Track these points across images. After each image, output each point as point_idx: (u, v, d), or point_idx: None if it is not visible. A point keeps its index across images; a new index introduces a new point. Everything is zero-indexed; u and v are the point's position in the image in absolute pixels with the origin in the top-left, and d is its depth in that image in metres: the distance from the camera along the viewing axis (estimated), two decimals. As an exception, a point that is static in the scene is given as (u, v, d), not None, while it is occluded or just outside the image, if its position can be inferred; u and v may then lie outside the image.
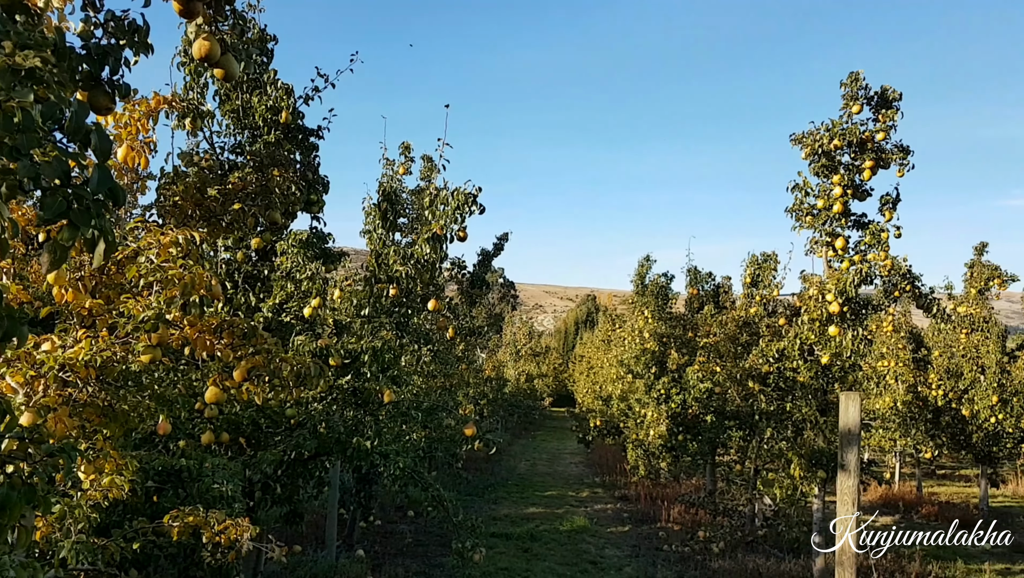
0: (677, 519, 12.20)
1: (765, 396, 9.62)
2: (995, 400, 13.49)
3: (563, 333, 71.30)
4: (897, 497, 15.30)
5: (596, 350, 29.58)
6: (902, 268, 7.80)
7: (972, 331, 14.28)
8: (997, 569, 9.95)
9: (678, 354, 13.32)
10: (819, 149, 7.75)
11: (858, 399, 6.78)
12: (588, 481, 17.61)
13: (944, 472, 23.87)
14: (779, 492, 8.37)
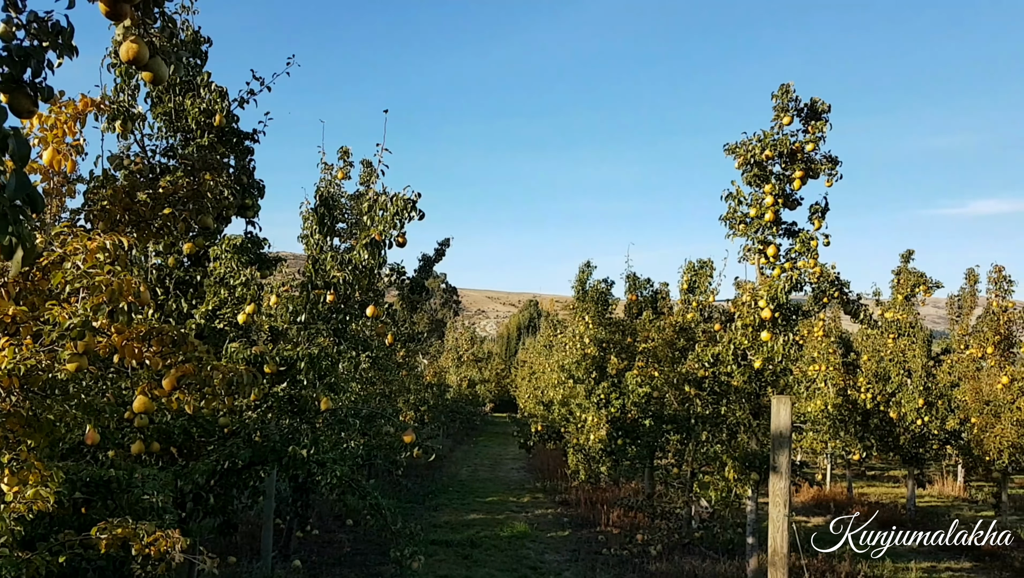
0: (616, 523, 12.33)
1: (701, 400, 9.80)
2: (921, 403, 13.99)
3: (506, 338, 71.48)
4: (828, 498, 15.75)
5: (538, 355, 29.69)
6: (830, 275, 8.06)
7: (899, 336, 14.80)
8: (923, 567, 10.32)
9: (618, 359, 13.49)
10: (751, 159, 7.96)
11: (789, 402, 6.96)
12: (529, 486, 17.67)
13: (874, 473, 24.65)
14: (714, 494, 8.53)
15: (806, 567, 8.45)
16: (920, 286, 14.32)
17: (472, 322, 77.41)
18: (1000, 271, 13.83)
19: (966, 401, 13.87)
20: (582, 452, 14.47)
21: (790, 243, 8.37)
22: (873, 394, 15.02)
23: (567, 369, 14.31)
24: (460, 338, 34.96)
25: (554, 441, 19.68)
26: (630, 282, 14.23)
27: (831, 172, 7.93)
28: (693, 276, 12.57)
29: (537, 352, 30.97)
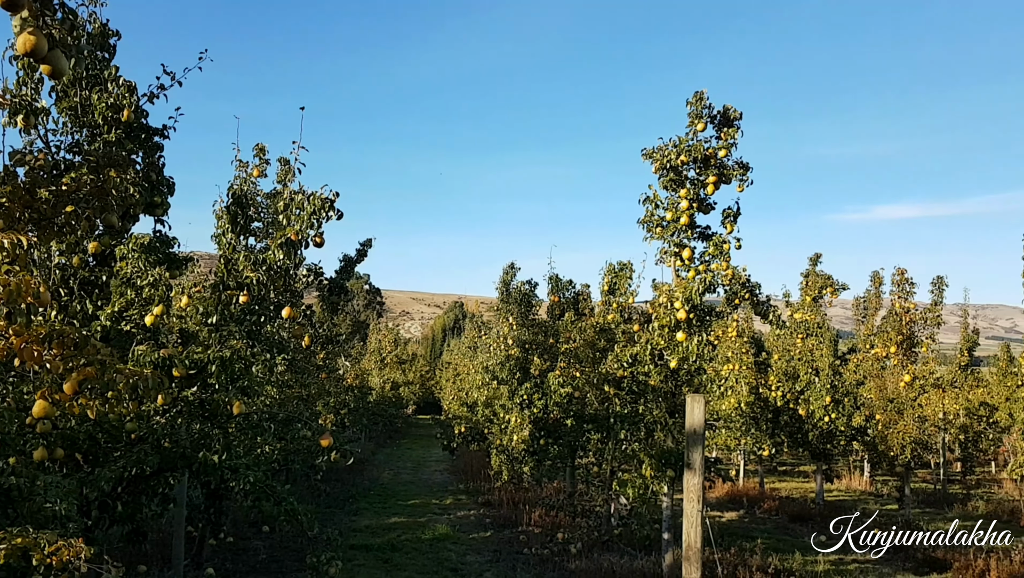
0: (538, 522, 12.43)
1: (620, 399, 9.98)
2: (828, 400, 14.57)
3: (430, 340, 71.13)
4: (742, 493, 16.24)
5: (463, 357, 29.70)
6: (742, 277, 8.32)
7: (807, 336, 15.37)
8: (831, 560, 10.73)
9: (540, 360, 13.61)
10: (667, 164, 8.16)
11: (703, 401, 7.14)
12: (452, 488, 17.64)
13: (785, 468, 25.53)
14: (631, 492, 8.69)
15: (719, 561, 8.69)
16: (827, 288, 14.91)
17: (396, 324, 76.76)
18: (903, 274, 14.52)
19: (871, 399, 14.52)
20: (505, 453, 14.54)
21: (704, 246, 8.59)
22: (783, 392, 15.56)
23: (491, 370, 14.36)
24: (384, 340, 34.62)
25: (478, 442, 19.70)
26: (553, 284, 14.37)
27: (742, 178, 8.19)
28: (614, 278, 12.77)
29: (462, 354, 30.96)
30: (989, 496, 19.23)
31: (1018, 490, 19.47)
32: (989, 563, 9.83)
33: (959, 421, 20.67)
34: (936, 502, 17.79)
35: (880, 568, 10.43)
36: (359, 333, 33.13)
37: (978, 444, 22.77)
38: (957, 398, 19.89)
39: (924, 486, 21.43)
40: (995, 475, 25.05)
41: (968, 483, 23.28)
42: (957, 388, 20.75)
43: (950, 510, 16.67)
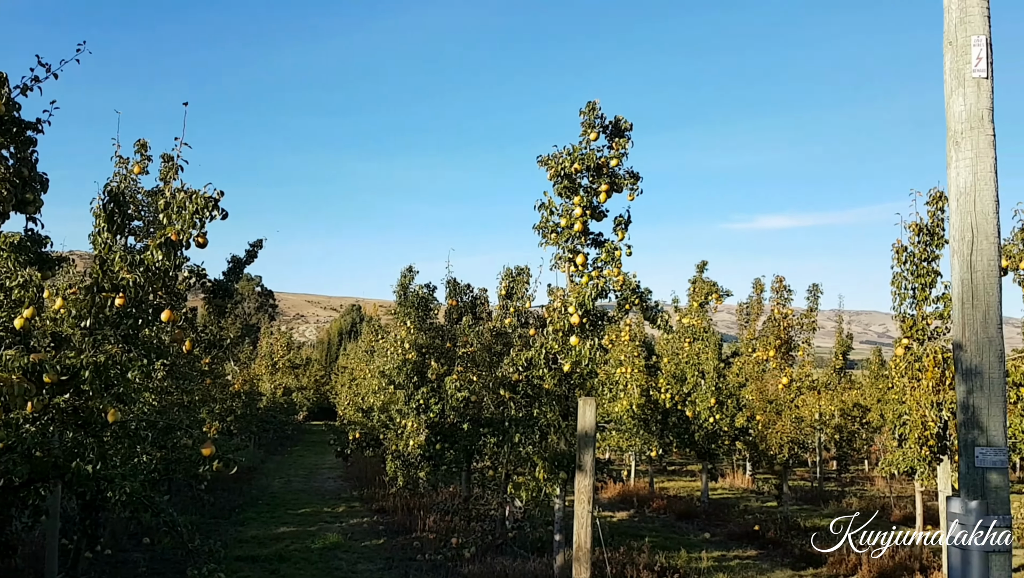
0: (433, 528, 12.37)
1: (515, 403, 10.05)
2: (713, 402, 15.13)
3: (326, 344, 69.74)
4: (632, 493, 16.65)
5: (359, 361, 29.23)
6: (632, 283, 8.53)
7: (694, 340, 15.92)
8: (714, 556, 11.14)
9: (438, 364, 13.55)
10: (562, 172, 8.28)
11: (594, 404, 7.28)
12: (345, 496, 17.34)
13: (674, 468, 26.34)
14: (525, 494, 8.76)
15: (608, 560, 8.88)
16: (713, 294, 15.49)
17: (290, 327, 74.85)
18: (781, 281, 15.26)
19: (752, 400, 15.16)
20: (401, 458, 14.39)
21: (597, 252, 8.77)
22: (672, 394, 16.06)
23: (388, 375, 14.20)
24: (276, 344, 33.69)
25: (373, 448, 19.43)
26: (451, 287, 14.35)
27: (633, 187, 8.41)
28: (511, 282, 12.86)
29: (359, 358, 30.47)
30: (862, 493, 20.42)
31: (888, 487, 20.73)
32: (861, 557, 10.41)
33: (834, 421, 21.84)
34: (813, 499, 18.74)
35: (760, 564, 10.89)
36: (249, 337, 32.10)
37: (852, 443, 24.12)
38: (832, 400, 21.03)
39: (802, 484, 22.53)
40: (868, 473, 26.60)
41: (843, 480, 24.65)
42: (832, 390, 21.91)
43: (826, 507, 17.58)
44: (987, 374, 4.47)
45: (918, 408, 9.12)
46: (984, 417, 4.49)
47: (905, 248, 9.45)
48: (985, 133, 4.49)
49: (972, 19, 4.54)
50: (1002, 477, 4.48)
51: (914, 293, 9.43)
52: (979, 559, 4.38)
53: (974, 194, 4.48)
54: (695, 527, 13.93)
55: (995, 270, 4.52)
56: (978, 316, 4.48)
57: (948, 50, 4.61)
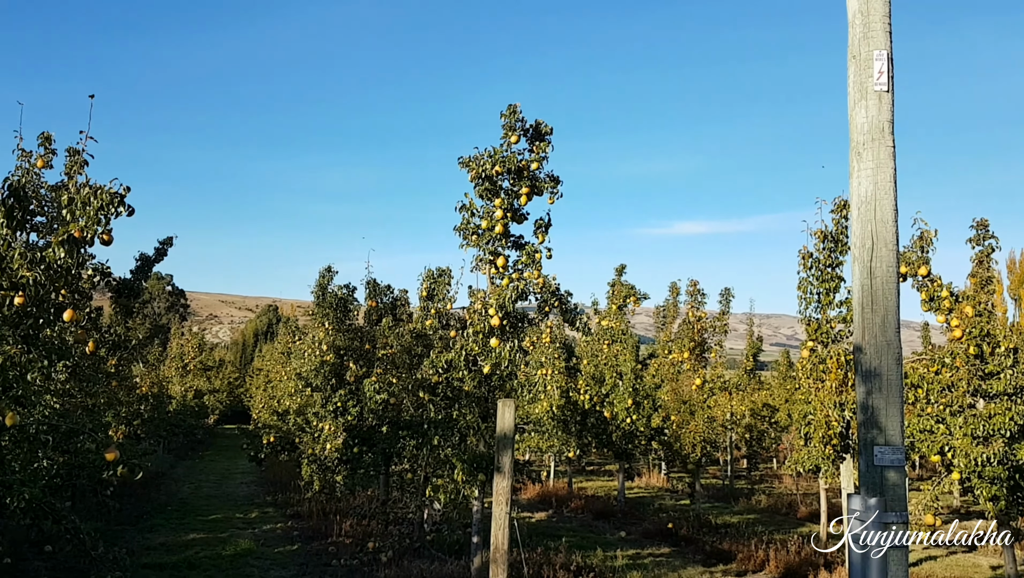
0: (349, 532, 12.18)
1: (435, 405, 10.00)
2: (630, 403, 15.41)
3: (241, 345, 67.98)
4: (551, 493, 16.79)
5: (275, 363, 28.58)
6: (552, 286, 8.61)
7: (613, 342, 16.19)
8: (629, 554, 11.33)
9: (356, 366, 13.38)
10: (483, 173, 8.31)
11: (513, 405, 7.31)
12: (259, 501, 16.92)
13: (592, 468, 26.71)
14: (443, 497, 8.74)
15: (526, 561, 8.93)
16: (631, 297, 15.79)
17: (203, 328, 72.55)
18: (695, 285, 15.66)
19: (667, 401, 15.51)
20: (317, 462, 14.13)
21: (518, 255, 8.82)
22: (591, 396, 16.28)
23: (304, 377, 13.95)
24: (187, 345, 32.61)
25: (288, 452, 19.05)
26: (370, 288, 14.18)
27: (553, 190, 8.50)
28: (432, 284, 12.79)
29: (275, 360, 29.78)
30: (771, 490, 21.11)
31: (795, 485, 21.50)
32: (769, 553, 10.77)
33: (745, 421, 22.56)
34: (724, 497, 19.29)
35: (672, 561, 11.14)
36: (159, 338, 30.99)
37: (761, 442, 24.96)
38: (743, 400, 21.71)
39: (714, 482, 23.16)
40: (776, 471, 27.54)
41: (753, 478, 25.45)
42: (743, 391, 22.63)
43: (736, 504, 18.13)
44: (886, 376, 4.66)
45: (822, 408, 9.50)
46: (883, 417, 4.69)
47: (811, 254, 9.83)
48: (886, 145, 4.70)
49: (875, 34, 4.74)
50: (899, 475, 4.69)
51: (819, 298, 9.82)
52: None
53: (874, 203, 4.68)
54: (612, 526, 14.15)
55: (894, 276, 4.74)
56: (877, 320, 4.68)
57: (852, 64, 4.81)
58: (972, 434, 8.07)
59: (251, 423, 32.30)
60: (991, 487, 8.06)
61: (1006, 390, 8.23)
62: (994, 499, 8.12)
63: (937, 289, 8.61)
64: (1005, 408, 8.05)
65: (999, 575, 10.14)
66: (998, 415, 7.99)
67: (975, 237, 8.78)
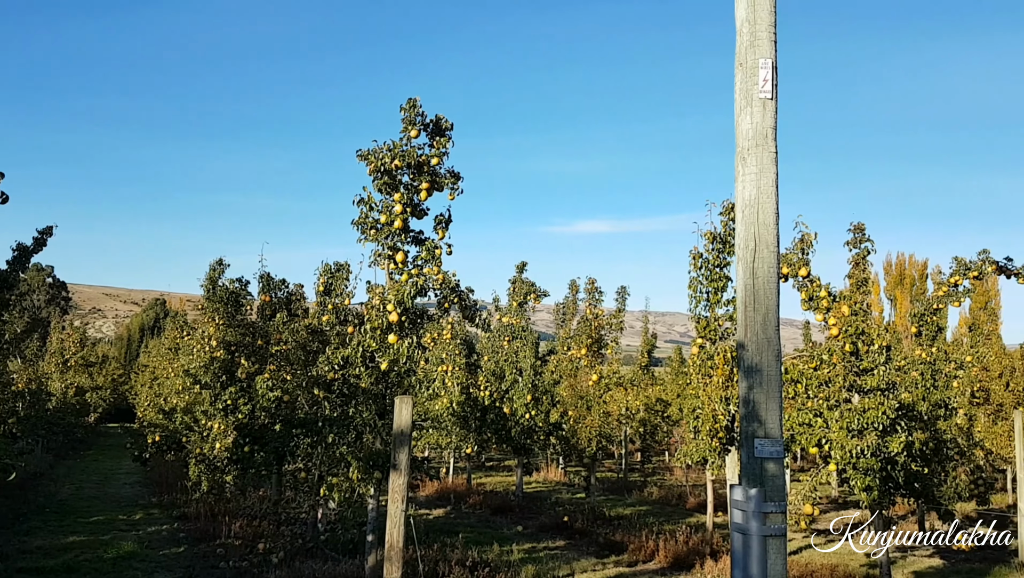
0: (239, 534, 11.83)
1: (330, 402, 9.83)
2: (529, 399, 15.56)
3: (126, 340, 65.07)
4: (450, 489, 16.78)
5: (162, 359, 27.44)
6: (452, 282, 8.60)
7: (513, 338, 16.31)
8: (525, 548, 11.44)
9: (248, 363, 13.01)
10: (382, 167, 8.20)
11: (411, 402, 7.26)
12: (144, 502, 16.22)
13: (492, 464, 26.87)
14: (338, 496, 8.60)
15: (421, 558, 8.89)
16: (531, 294, 15.95)
17: (85, 321, 68.81)
18: (593, 283, 15.97)
19: (565, 397, 15.76)
20: (206, 462, 13.66)
21: (417, 250, 8.76)
22: (491, 392, 16.36)
23: (193, 374, 13.47)
24: (68, 340, 30.90)
25: (175, 452, 18.36)
26: (264, 282, 13.79)
27: (454, 186, 8.48)
28: (330, 278, 12.57)
29: (162, 356, 28.60)
30: (662, 482, 21.78)
31: (686, 476, 22.23)
32: (658, 544, 11.09)
33: (639, 415, 23.14)
34: (618, 489, 19.76)
35: (567, 554, 11.32)
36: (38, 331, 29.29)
37: (655, 436, 25.66)
38: (638, 395, 22.27)
39: (609, 475, 23.71)
40: (668, 463, 28.40)
41: (646, 471, 26.18)
42: (637, 386, 23.22)
43: (630, 496, 18.61)
44: (766, 372, 4.86)
45: (709, 403, 9.86)
46: (763, 411, 4.89)
47: (701, 255, 10.19)
48: (769, 150, 4.90)
49: (761, 43, 4.93)
50: (778, 466, 4.91)
51: (708, 296, 10.20)
52: (758, 543, 4.75)
53: (757, 206, 4.88)
54: (509, 521, 14.26)
55: (774, 276, 4.95)
56: (759, 318, 4.88)
57: (739, 71, 4.99)
58: (847, 427, 8.54)
59: (136, 422, 30.92)
60: (865, 478, 8.55)
61: (879, 385, 8.74)
62: (868, 489, 8.61)
63: (816, 289, 9.06)
64: (878, 402, 8.55)
65: (873, 562, 10.77)
66: (871, 409, 8.48)
67: (852, 240, 9.29)
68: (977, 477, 16.57)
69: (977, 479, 16.52)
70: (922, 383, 11.16)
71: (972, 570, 10.88)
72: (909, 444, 8.60)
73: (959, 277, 10.21)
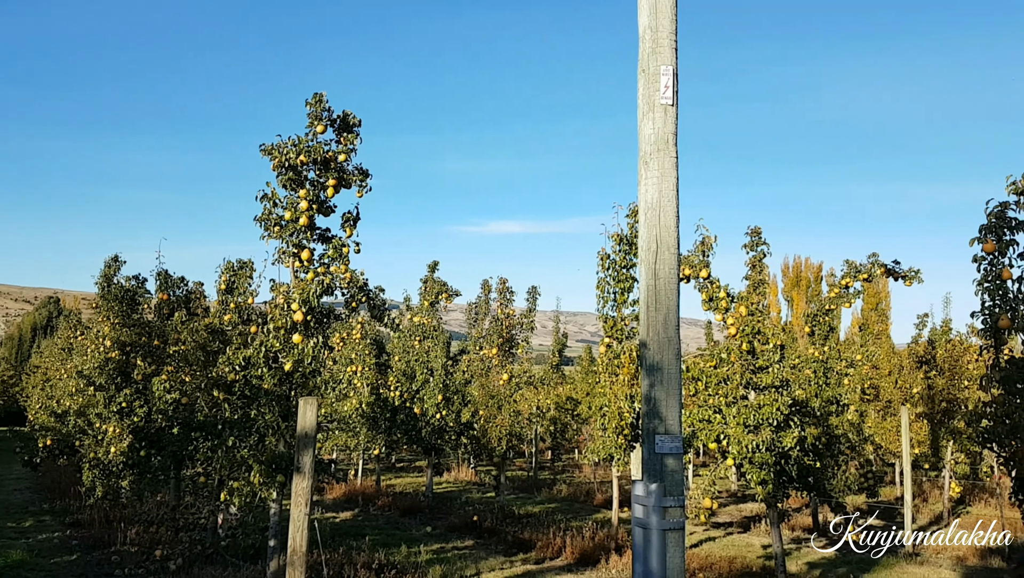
0: (135, 540, 11.38)
1: (231, 405, 9.54)
2: (440, 398, 15.50)
3: (16, 340, 61.51)
4: (359, 492, 16.55)
5: (55, 360, 26.07)
6: (359, 281, 8.47)
7: (424, 338, 16.21)
8: (433, 549, 11.39)
9: (145, 363, 12.53)
10: (287, 163, 8.01)
11: (315, 404, 7.11)
12: (34, 509, 15.39)
13: (403, 465, 26.63)
14: (238, 500, 8.36)
15: (326, 562, 8.74)
16: (443, 294, 15.89)
17: (-30, 320, 64.76)
18: (504, 283, 16.03)
19: (477, 396, 15.77)
20: (100, 466, 13.07)
21: (324, 248, 8.60)
22: (401, 392, 16.22)
23: (87, 375, 12.90)
24: (-52, 340, 29.01)
25: (68, 456, 17.51)
26: (161, 280, 13.28)
27: (362, 184, 8.35)
28: (232, 276, 12.20)
29: (54, 356, 27.17)
30: (571, 480, 22.05)
31: (594, 473, 22.56)
32: (565, 540, 11.22)
33: (550, 414, 23.38)
34: (528, 488, 19.91)
35: (476, 553, 11.33)
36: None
37: (565, 434, 25.96)
38: (548, 394, 22.49)
39: (520, 474, 23.85)
40: (578, 461, 28.79)
41: (556, 469, 26.46)
42: (548, 385, 23.46)
43: (539, 494, 18.77)
44: (666, 370, 4.98)
45: (616, 400, 10.04)
46: (664, 408, 5.01)
47: (608, 256, 10.37)
48: (670, 155, 5.02)
49: (662, 50, 5.04)
50: (677, 462, 5.03)
51: (615, 297, 10.38)
52: (658, 537, 4.86)
53: (659, 209, 4.99)
54: (418, 522, 14.17)
55: (675, 278, 5.07)
56: (660, 318, 4.99)
57: (641, 77, 5.09)
58: (744, 423, 8.84)
59: (27, 425, 29.32)
60: (760, 472, 8.86)
61: (773, 383, 9.08)
62: (763, 483, 8.93)
63: (716, 290, 9.35)
64: (772, 399, 8.88)
65: (769, 553, 11.18)
66: (766, 406, 8.81)
67: (750, 243, 9.62)
68: (867, 471, 17.44)
69: (867, 473, 17.39)
70: (815, 380, 11.66)
71: (862, 560, 11.44)
72: (802, 439, 8.96)
73: (850, 279, 10.71)
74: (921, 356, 16.75)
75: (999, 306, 7.34)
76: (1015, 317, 7.24)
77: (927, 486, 18.96)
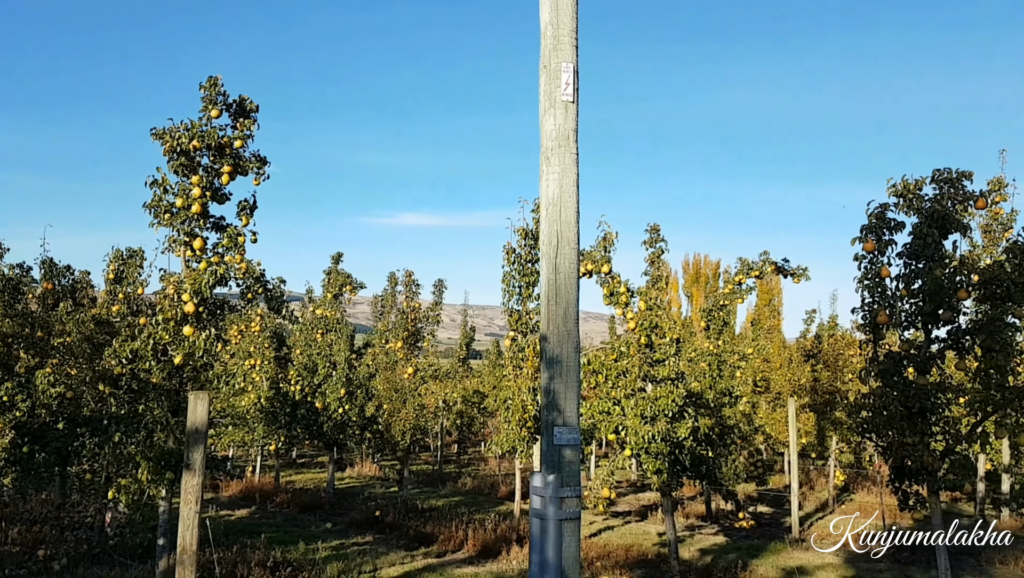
0: (17, 540, 10.79)
1: (117, 399, 9.13)
2: (343, 392, 15.26)
3: None
4: (256, 489, 16.11)
5: (-75, 352, 24.33)
6: (256, 271, 8.23)
7: (327, 331, 15.92)
8: (332, 545, 11.21)
9: (27, 356, 11.85)
10: (178, 147, 7.69)
11: (207, 398, 6.88)
12: (-101, 513, 14.32)
13: (304, 460, 26.10)
14: (126, 498, 8.00)
15: (219, 560, 8.48)
16: (347, 286, 15.64)
17: None
18: (410, 276, 15.91)
19: (381, 390, 15.60)
20: (-24, 465, 12.31)
21: (218, 237, 8.31)
22: (302, 386, 15.88)
23: (-38, 369, 12.07)
24: None
25: (-61, 455, 16.35)
26: (46, 268, 12.58)
27: (259, 171, 8.11)
28: (121, 265, 11.69)
29: (-75, 348, 25.36)
30: (476, 473, 22.10)
31: (498, 466, 22.70)
32: (467, 533, 11.25)
33: (457, 407, 23.38)
34: (433, 481, 19.86)
35: (377, 548, 11.22)
36: None
37: (471, 427, 26.03)
38: (455, 387, 22.48)
39: (425, 467, 23.75)
40: (484, 454, 28.90)
41: (462, 462, 26.48)
42: (455, 378, 23.44)
43: (444, 488, 18.75)
44: (565, 363, 5.04)
45: (519, 393, 10.12)
46: (562, 401, 5.07)
47: (514, 250, 10.42)
48: (570, 151, 5.07)
49: (563, 47, 5.09)
50: (575, 453, 5.11)
51: (520, 291, 10.45)
52: (555, 527, 4.92)
53: (560, 205, 5.04)
54: (319, 518, 13.93)
55: (575, 272, 5.14)
56: (560, 312, 5.05)
57: (543, 74, 5.13)
58: (641, 414, 9.06)
59: None
60: (656, 461, 9.11)
61: (670, 375, 9.33)
62: (659, 472, 9.18)
63: (616, 285, 9.54)
64: (668, 391, 9.13)
65: (664, 540, 11.50)
66: (662, 397, 9.05)
67: (649, 240, 9.84)
68: (757, 460, 18.19)
69: (757, 461, 18.14)
70: (709, 373, 12.06)
71: (751, 546, 11.92)
72: (695, 429, 9.26)
73: (743, 276, 11.12)
74: (808, 350, 17.57)
75: (878, 303, 7.75)
76: (892, 313, 7.67)
77: (814, 474, 19.90)
